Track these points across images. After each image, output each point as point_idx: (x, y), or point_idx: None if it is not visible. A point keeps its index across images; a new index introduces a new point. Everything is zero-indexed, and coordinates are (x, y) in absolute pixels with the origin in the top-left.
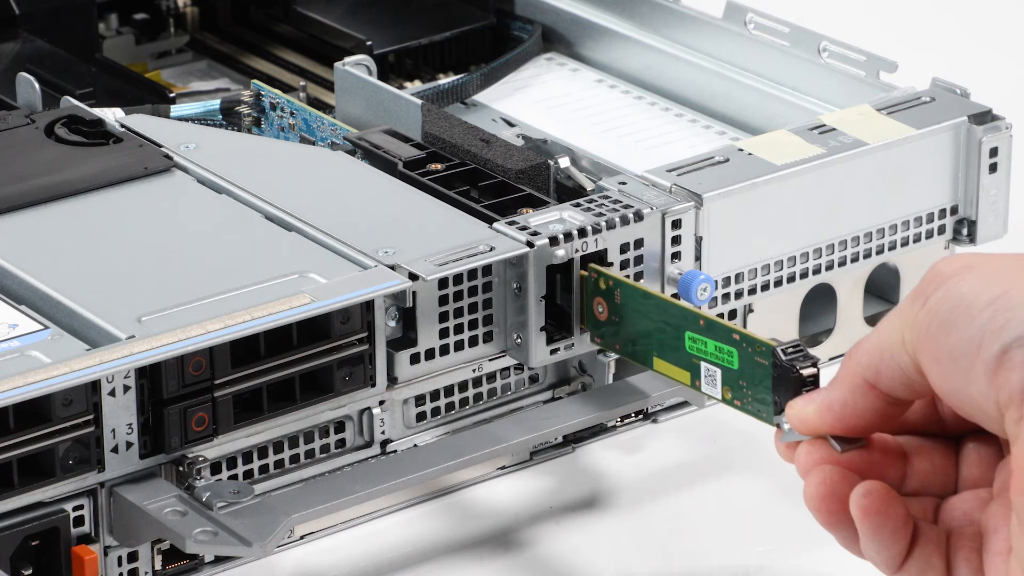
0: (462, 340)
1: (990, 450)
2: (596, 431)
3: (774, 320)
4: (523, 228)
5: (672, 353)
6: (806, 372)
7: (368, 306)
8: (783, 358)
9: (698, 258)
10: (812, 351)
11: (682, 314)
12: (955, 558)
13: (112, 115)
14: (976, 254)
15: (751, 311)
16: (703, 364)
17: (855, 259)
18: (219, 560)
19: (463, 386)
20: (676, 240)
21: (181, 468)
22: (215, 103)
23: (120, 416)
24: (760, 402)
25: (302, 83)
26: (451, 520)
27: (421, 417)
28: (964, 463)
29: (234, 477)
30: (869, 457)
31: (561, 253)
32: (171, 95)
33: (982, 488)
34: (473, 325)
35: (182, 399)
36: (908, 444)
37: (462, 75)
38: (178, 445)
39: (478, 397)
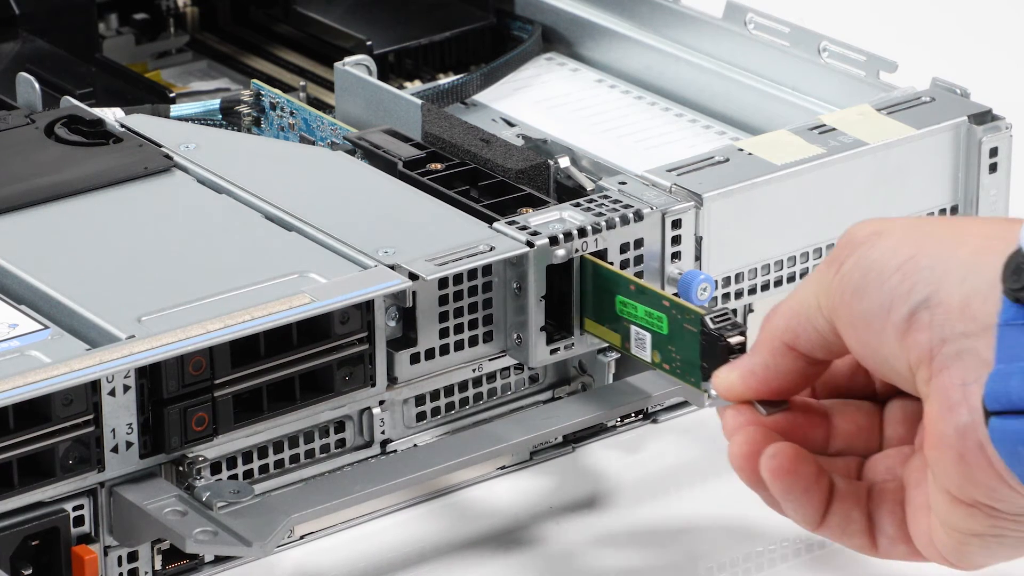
0: (462, 340)
1: (914, 408)
2: (596, 431)
3: None
4: (523, 228)
5: (602, 315)
6: (734, 340)
7: (368, 306)
8: (711, 326)
9: (698, 258)
10: None
11: (613, 278)
12: (878, 512)
13: (112, 115)
14: (885, 219)
15: (751, 311)
16: (633, 327)
17: None
18: (219, 560)
19: (463, 386)
20: (676, 240)
21: (181, 468)
22: (215, 103)
23: (120, 416)
24: (689, 367)
25: (302, 83)
26: (451, 520)
27: (421, 417)
28: (888, 422)
29: (234, 477)
30: (792, 419)
31: (561, 253)
32: (171, 95)
33: (905, 445)
34: (473, 325)
35: (182, 399)
36: (832, 406)
37: (462, 75)
38: (178, 445)
39: (478, 397)
